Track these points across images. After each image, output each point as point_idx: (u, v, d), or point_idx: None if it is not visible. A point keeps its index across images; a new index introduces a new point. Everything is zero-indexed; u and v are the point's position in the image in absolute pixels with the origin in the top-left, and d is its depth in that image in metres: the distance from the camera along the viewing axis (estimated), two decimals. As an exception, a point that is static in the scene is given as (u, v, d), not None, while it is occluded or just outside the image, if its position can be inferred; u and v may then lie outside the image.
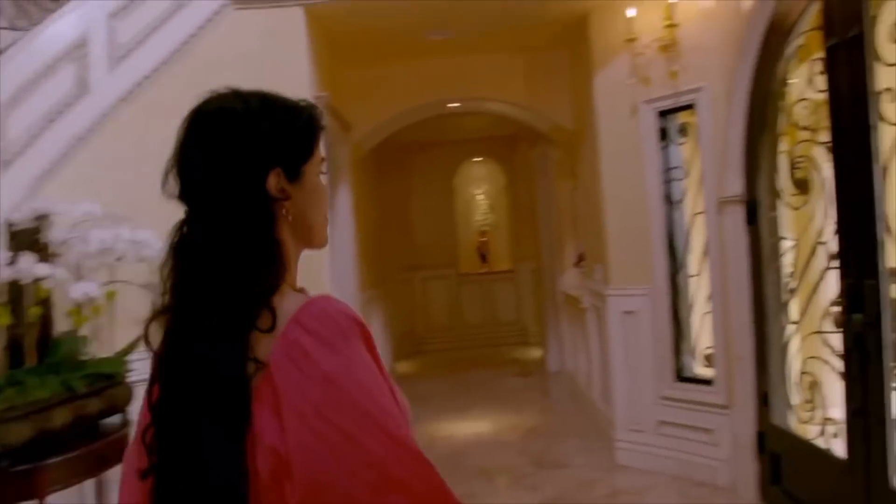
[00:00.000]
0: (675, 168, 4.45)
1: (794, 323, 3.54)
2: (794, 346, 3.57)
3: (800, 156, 3.38)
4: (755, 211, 3.72)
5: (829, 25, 2.95)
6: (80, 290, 2.85)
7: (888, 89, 2.67)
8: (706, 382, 4.19)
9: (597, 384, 5.53)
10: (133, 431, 1.06)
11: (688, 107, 4.23)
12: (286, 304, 0.95)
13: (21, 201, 3.17)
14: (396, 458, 0.88)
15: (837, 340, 3.03)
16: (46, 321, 2.90)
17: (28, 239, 2.89)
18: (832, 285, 3.10)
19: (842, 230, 2.96)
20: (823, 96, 3.08)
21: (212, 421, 0.91)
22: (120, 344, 3.10)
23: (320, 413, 0.87)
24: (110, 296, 3.16)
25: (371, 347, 0.96)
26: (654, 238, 4.46)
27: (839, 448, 3.07)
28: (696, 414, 4.20)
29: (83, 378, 2.75)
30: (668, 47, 4.16)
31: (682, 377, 4.37)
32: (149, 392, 1.01)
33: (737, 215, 3.86)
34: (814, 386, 3.36)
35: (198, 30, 3.92)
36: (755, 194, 3.72)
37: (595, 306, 5.36)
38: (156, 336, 1.01)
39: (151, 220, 3.60)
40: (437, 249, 9.91)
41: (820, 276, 3.27)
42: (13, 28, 4.24)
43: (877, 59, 2.70)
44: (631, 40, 4.29)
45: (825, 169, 3.15)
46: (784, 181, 3.55)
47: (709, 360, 4.23)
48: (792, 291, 3.55)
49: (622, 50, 4.43)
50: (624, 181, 4.62)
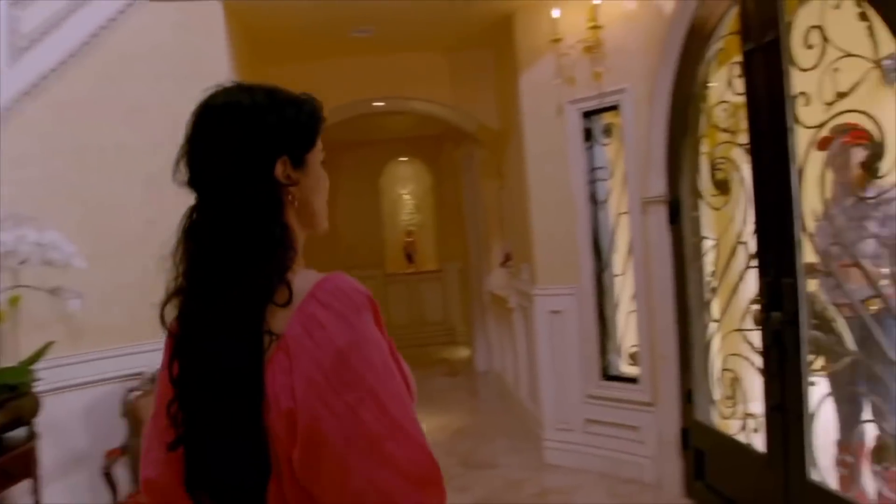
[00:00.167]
0: (600, 168, 4.49)
1: (716, 321, 3.62)
2: (716, 344, 3.65)
3: (720, 157, 3.46)
4: (678, 211, 3.78)
5: (747, 30, 3.01)
6: (-22, 298, 2.67)
7: (803, 93, 2.75)
8: (632, 381, 4.25)
9: (524, 384, 5.54)
10: (152, 409, 1.13)
11: (612, 108, 4.27)
12: (300, 281, 1.03)
13: None
14: (392, 438, 0.94)
15: (757, 338, 3.10)
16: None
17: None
18: (752, 284, 3.18)
19: (760, 230, 3.04)
20: (742, 99, 3.15)
21: (233, 389, 0.97)
22: (25, 352, 2.92)
23: (329, 383, 0.94)
24: (13, 301, 2.98)
25: (378, 321, 1.04)
26: (580, 238, 4.49)
27: (759, 443, 3.14)
28: (623, 412, 4.25)
29: (-18, 392, 2.57)
30: (593, 48, 4.20)
31: (609, 376, 4.42)
32: (168, 368, 1.07)
33: (660, 215, 3.92)
34: (735, 383, 3.44)
35: (109, 21, 3.70)
36: (678, 194, 3.78)
37: (522, 306, 5.38)
38: (170, 316, 1.09)
39: (60, 221, 3.44)
40: (364, 249, 9.79)
41: (740, 276, 3.35)
42: None
43: (792, 64, 2.77)
44: (556, 41, 4.30)
45: (744, 170, 3.22)
46: (705, 182, 3.62)
47: (634, 359, 4.28)
48: (714, 290, 3.62)
49: (547, 50, 4.45)
50: (550, 181, 4.63)
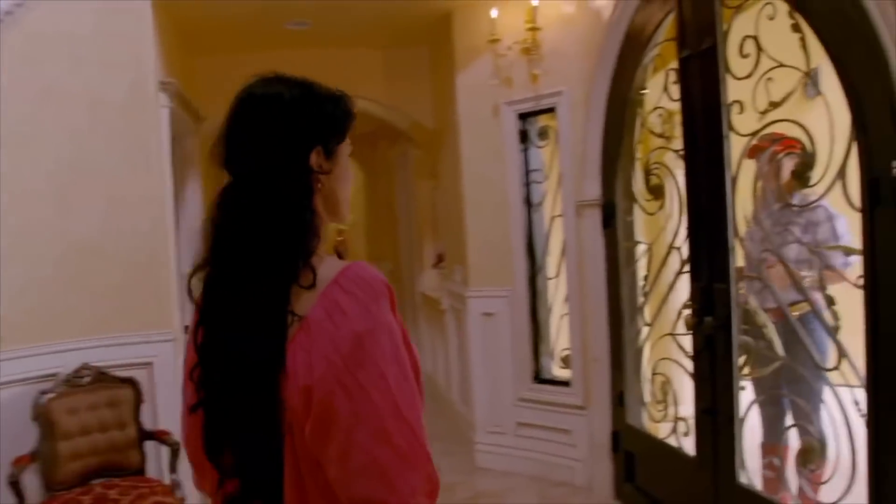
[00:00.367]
0: (535, 171, 4.49)
1: (648, 325, 3.65)
2: (648, 348, 3.68)
3: (655, 163, 3.49)
4: (612, 215, 3.80)
5: (683, 37, 3.04)
6: None
7: (737, 101, 2.78)
8: (564, 384, 4.26)
9: (456, 386, 5.50)
10: (182, 375, 1.19)
11: (548, 110, 4.27)
12: (324, 267, 1.09)
13: None
14: (393, 418, 1.02)
15: (688, 342, 3.13)
16: None
17: None
18: (684, 289, 3.21)
19: (693, 236, 3.07)
20: (677, 105, 3.18)
21: (255, 362, 1.05)
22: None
23: (346, 364, 1.02)
24: None
25: (394, 308, 1.11)
26: (514, 240, 4.48)
27: (689, 446, 3.18)
28: (554, 415, 4.25)
29: None
30: (530, 50, 4.18)
31: (541, 379, 4.42)
32: (194, 335, 1.14)
33: (594, 219, 3.94)
34: (666, 386, 3.47)
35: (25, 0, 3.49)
36: (612, 199, 3.80)
37: (454, 308, 5.33)
38: (197, 287, 1.16)
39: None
40: (294, 248, 9.58)
41: (673, 280, 3.38)
42: None
43: (727, 72, 2.80)
44: (494, 41, 4.27)
45: (678, 176, 3.25)
46: (639, 187, 3.65)
47: (566, 362, 4.29)
48: (646, 295, 3.65)
49: (485, 50, 4.41)
50: (485, 182, 4.60)
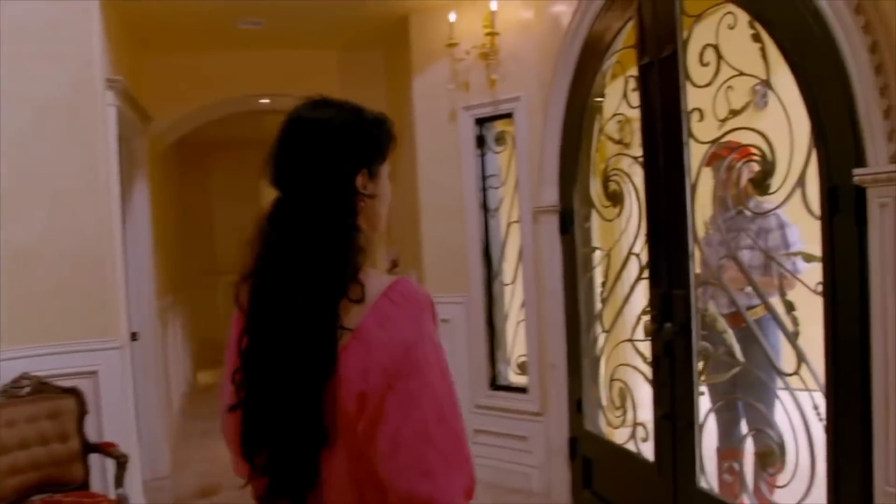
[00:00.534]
0: (492, 176, 4.48)
1: (606, 331, 3.65)
2: (606, 354, 3.69)
3: (613, 169, 3.50)
4: (570, 221, 3.80)
5: (643, 44, 3.05)
6: None
7: (697, 109, 2.81)
8: (521, 390, 4.24)
9: (411, 393, 5.43)
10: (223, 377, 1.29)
11: (506, 115, 4.26)
12: (373, 283, 1.17)
13: None
14: (438, 422, 1.11)
15: (647, 348, 3.15)
16: None
17: None
18: (642, 295, 3.22)
19: (652, 242, 3.08)
20: (636, 112, 3.20)
21: (302, 366, 1.13)
22: None
23: (398, 371, 1.11)
24: None
25: (435, 320, 1.20)
26: (470, 246, 4.45)
27: (648, 451, 3.19)
28: (511, 422, 4.23)
29: None
30: (488, 55, 4.17)
31: (497, 385, 4.40)
32: (238, 342, 1.23)
33: (552, 225, 3.93)
34: (624, 392, 3.48)
35: (-39, -8, 3.32)
36: (570, 205, 3.80)
37: (410, 314, 5.26)
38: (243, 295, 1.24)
39: None
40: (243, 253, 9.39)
41: (631, 287, 3.39)
42: None
43: (687, 79, 2.83)
44: (451, 45, 4.25)
45: (637, 183, 3.26)
46: (597, 193, 3.66)
47: (522, 369, 4.28)
48: (604, 301, 3.66)
49: (442, 54, 4.38)
50: (441, 187, 4.57)
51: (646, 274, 3.14)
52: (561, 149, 3.85)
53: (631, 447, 3.35)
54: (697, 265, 2.95)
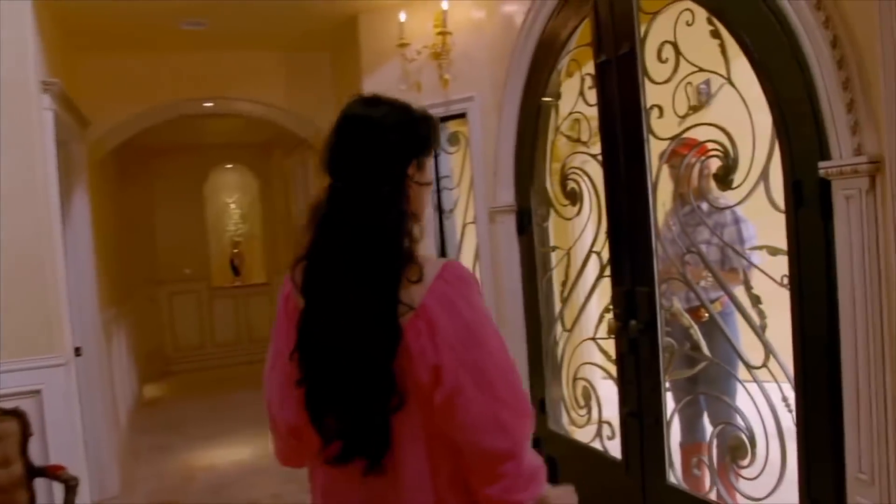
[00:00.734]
0: (445, 177, 4.43)
1: (568, 331, 3.64)
2: (569, 354, 3.67)
3: (571, 168, 3.48)
4: (528, 221, 3.77)
5: (600, 42, 3.05)
6: None
7: (657, 106, 2.81)
8: (482, 392, 4.19)
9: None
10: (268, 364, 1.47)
11: (459, 115, 4.22)
12: (429, 266, 1.32)
13: None
14: (503, 382, 1.31)
15: (610, 346, 3.14)
16: None
17: None
18: (604, 293, 3.21)
19: (613, 240, 3.08)
20: (592, 111, 3.19)
21: (372, 340, 1.28)
22: None
23: (464, 346, 1.28)
24: None
25: (481, 295, 1.37)
26: (426, 247, 4.38)
27: (615, 449, 3.18)
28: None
29: None
30: (440, 54, 4.13)
31: (458, 388, 4.34)
32: (287, 323, 1.40)
33: (508, 225, 3.90)
34: (588, 391, 3.47)
35: None
36: (526, 204, 3.78)
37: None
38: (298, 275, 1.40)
39: None
40: (186, 262, 9.13)
41: (593, 285, 3.39)
42: None
43: (645, 76, 2.83)
44: (403, 45, 4.19)
45: (596, 181, 3.26)
46: (555, 192, 3.64)
47: (483, 370, 4.23)
48: (564, 300, 3.64)
49: (393, 54, 4.32)
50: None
51: (607, 272, 3.13)
52: (516, 148, 3.83)
53: (597, 446, 3.34)
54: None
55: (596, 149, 3.19)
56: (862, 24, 1.96)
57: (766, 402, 2.49)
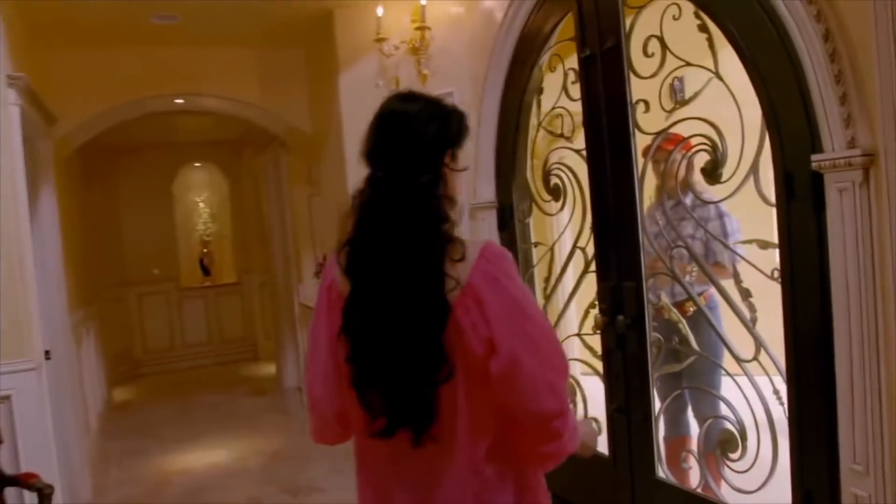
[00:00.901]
0: (425, 174, 4.38)
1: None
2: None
3: (554, 163, 3.46)
4: (510, 217, 3.75)
5: (584, 37, 3.03)
6: None
7: (643, 101, 2.80)
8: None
9: (345, 399, 5.28)
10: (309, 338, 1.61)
11: (439, 111, 4.17)
12: (471, 246, 1.44)
13: None
14: (549, 347, 1.44)
15: (596, 342, 3.12)
16: None
17: None
18: (589, 289, 3.20)
19: (599, 235, 3.06)
20: (576, 106, 3.17)
21: (418, 316, 1.40)
22: None
23: (513, 319, 1.40)
24: None
25: (519, 271, 1.50)
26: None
27: (601, 445, 3.16)
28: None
29: None
30: (418, 49, 4.08)
31: (439, 386, 4.30)
32: (330, 303, 1.53)
33: (490, 221, 3.87)
34: (573, 387, 3.45)
35: None
36: (509, 200, 3.75)
37: (341, 317, 5.11)
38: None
39: None
40: (155, 262, 8.95)
41: (577, 281, 3.37)
42: None
43: (631, 70, 2.81)
44: (380, 40, 4.14)
45: (580, 176, 3.24)
46: (538, 188, 3.62)
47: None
48: (548, 297, 3.62)
49: (370, 50, 4.26)
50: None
51: (593, 268, 3.12)
52: (497, 143, 3.80)
53: (583, 442, 3.32)
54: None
55: (580, 144, 3.17)
56: (854, 18, 1.96)
57: (757, 396, 2.49)
